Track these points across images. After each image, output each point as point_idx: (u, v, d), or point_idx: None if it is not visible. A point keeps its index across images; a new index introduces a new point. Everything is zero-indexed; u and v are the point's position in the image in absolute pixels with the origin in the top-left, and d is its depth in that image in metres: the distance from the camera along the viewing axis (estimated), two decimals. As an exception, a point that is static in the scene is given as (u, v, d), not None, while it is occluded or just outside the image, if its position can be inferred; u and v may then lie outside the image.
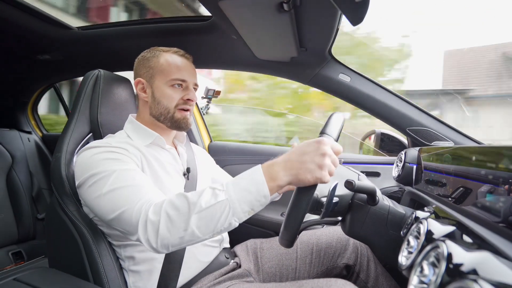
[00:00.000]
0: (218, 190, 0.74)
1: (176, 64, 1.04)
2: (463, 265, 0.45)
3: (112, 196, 0.82)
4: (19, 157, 2.12)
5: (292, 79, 1.52)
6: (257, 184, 0.72)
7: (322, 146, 0.71)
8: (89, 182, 0.86)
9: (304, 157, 0.72)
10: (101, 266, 0.91)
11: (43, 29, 1.45)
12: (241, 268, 1.09)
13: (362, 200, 0.88)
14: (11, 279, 0.87)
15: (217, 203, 0.72)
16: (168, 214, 0.74)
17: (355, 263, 1.10)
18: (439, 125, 1.35)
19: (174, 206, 0.74)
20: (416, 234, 0.67)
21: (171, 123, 1.05)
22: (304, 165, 0.71)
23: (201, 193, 0.74)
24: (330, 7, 0.93)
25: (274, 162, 0.75)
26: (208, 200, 0.73)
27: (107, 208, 0.82)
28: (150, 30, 1.39)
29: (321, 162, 0.70)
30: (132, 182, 0.83)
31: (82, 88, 1.09)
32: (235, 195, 0.72)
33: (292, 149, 0.76)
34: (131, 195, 0.80)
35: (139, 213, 0.77)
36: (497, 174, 0.57)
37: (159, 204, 0.76)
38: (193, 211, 0.72)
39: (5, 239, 1.93)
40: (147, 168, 0.96)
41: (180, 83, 1.04)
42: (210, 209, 0.72)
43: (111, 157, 0.88)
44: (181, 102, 1.05)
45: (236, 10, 0.97)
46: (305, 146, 0.73)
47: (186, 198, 0.75)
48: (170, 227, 0.73)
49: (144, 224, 0.75)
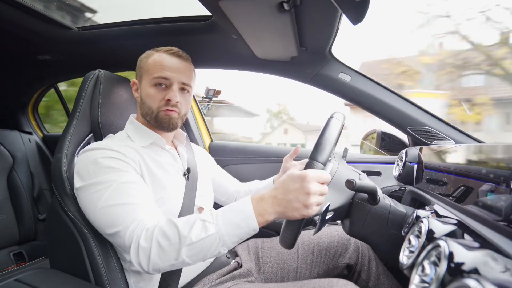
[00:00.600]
0: (208, 223, 0.76)
1: (160, 63, 0.99)
2: (464, 264, 0.45)
3: (106, 212, 0.82)
4: (20, 157, 2.12)
5: (292, 79, 1.52)
6: (247, 219, 0.75)
7: (306, 185, 0.71)
8: (86, 192, 0.86)
9: (289, 195, 0.73)
10: (103, 266, 0.91)
11: (43, 29, 1.45)
12: (243, 267, 1.09)
13: (363, 199, 0.88)
14: (12, 280, 0.87)
15: (207, 236, 0.74)
16: (159, 243, 0.75)
17: (356, 262, 1.10)
18: (440, 124, 1.34)
19: (165, 235, 0.76)
20: (417, 233, 0.67)
21: (155, 123, 1.02)
22: (290, 204, 0.72)
23: (192, 225, 0.76)
24: (331, 6, 0.93)
25: (263, 197, 0.76)
26: (198, 233, 0.74)
27: (101, 223, 0.84)
28: (150, 30, 1.39)
29: (306, 202, 0.71)
30: (127, 200, 0.83)
31: (83, 88, 1.09)
32: (225, 229, 0.75)
33: (278, 182, 0.77)
34: (125, 216, 0.81)
35: (131, 238, 0.78)
36: (498, 172, 0.57)
37: (151, 230, 0.77)
38: (184, 244, 0.75)
39: (6, 240, 1.94)
40: (145, 172, 0.95)
41: (162, 82, 0.98)
42: (200, 242, 0.74)
43: (110, 165, 0.87)
44: (163, 103, 0.99)
45: (236, 10, 0.97)
46: (290, 182, 0.74)
47: (177, 229, 0.76)
48: (162, 255, 0.76)
49: (136, 249, 0.77)
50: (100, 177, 0.85)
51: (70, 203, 0.93)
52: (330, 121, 0.81)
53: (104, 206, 0.82)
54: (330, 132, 0.79)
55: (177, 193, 1.02)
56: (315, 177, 0.72)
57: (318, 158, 0.75)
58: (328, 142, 0.77)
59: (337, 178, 0.90)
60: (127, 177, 0.87)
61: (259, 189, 1.34)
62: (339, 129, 0.81)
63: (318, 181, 0.73)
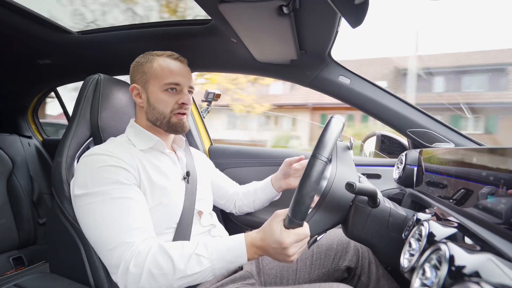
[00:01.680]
0: (204, 258, 0.80)
1: (169, 68, 1.03)
2: (465, 267, 0.45)
3: (97, 228, 0.84)
4: (19, 162, 2.12)
5: (292, 82, 1.52)
6: (239, 258, 0.82)
7: (284, 251, 0.78)
8: (82, 201, 0.86)
9: (271, 250, 0.80)
10: (103, 271, 0.91)
11: (43, 33, 1.45)
12: (243, 270, 1.08)
13: (363, 202, 0.88)
14: (12, 284, 0.87)
15: (201, 271, 0.79)
16: (151, 272, 0.77)
17: (356, 265, 1.10)
18: (440, 127, 1.34)
19: (158, 265, 0.78)
20: (418, 236, 0.67)
21: (167, 127, 1.05)
22: (275, 256, 0.81)
23: (188, 260, 0.79)
24: (330, 9, 0.93)
25: (254, 242, 0.83)
26: (193, 268, 0.79)
27: (91, 237, 0.86)
28: (150, 34, 1.39)
29: (288, 259, 0.79)
30: (119, 217, 0.83)
31: (83, 92, 1.09)
32: (217, 264, 0.80)
33: (263, 232, 0.83)
34: (115, 235, 0.82)
35: (119, 261, 0.80)
36: (498, 175, 0.57)
37: (143, 256, 0.79)
38: (178, 276, 0.78)
39: (6, 245, 1.93)
40: (144, 178, 0.95)
41: (174, 87, 1.03)
42: (194, 275, 0.79)
43: (108, 175, 0.87)
44: (176, 106, 1.04)
45: (236, 13, 0.98)
46: (271, 241, 0.79)
47: (172, 262, 0.78)
48: (153, 283, 0.78)
49: (124, 273, 0.79)
50: (96, 188, 0.85)
51: (70, 207, 0.93)
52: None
53: (96, 222, 0.84)
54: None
55: (177, 197, 1.02)
56: (293, 242, 0.78)
57: (297, 216, 0.75)
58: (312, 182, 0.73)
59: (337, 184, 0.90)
60: (124, 192, 0.87)
61: (257, 190, 1.34)
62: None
63: (296, 241, 0.78)
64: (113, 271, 0.82)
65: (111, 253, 0.81)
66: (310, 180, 0.72)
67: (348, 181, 0.79)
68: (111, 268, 0.82)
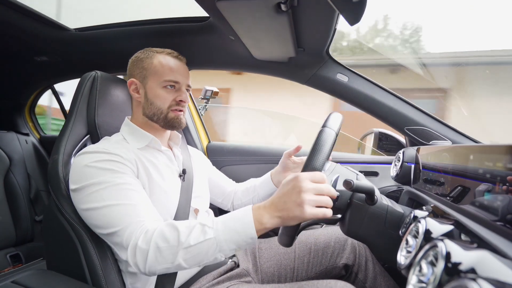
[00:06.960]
0: (208, 228, 0.77)
1: (169, 66, 1.05)
2: (461, 264, 0.45)
3: (104, 212, 0.83)
4: (16, 159, 2.11)
5: (290, 79, 1.52)
6: (246, 226, 0.75)
7: (297, 184, 0.72)
8: (83, 193, 0.86)
9: (283, 198, 0.74)
10: (100, 268, 0.91)
11: (40, 30, 1.44)
12: (240, 267, 1.09)
13: (360, 199, 0.88)
14: (9, 281, 0.87)
15: (205, 240, 0.75)
16: (157, 245, 0.76)
17: (353, 263, 1.10)
18: (437, 124, 1.35)
19: (164, 238, 0.77)
20: (415, 233, 0.67)
21: (164, 123, 1.06)
22: (285, 205, 0.73)
23: (192, 229, 0.77)
24: (328, 7, 0.93)
25: (262, 205, 0.78)
26: (196, 237, 0.76)
27: (98, 223, 0.85)
28: (147, 31, 1.38)
29: (299, 200, 0.71)
30: (124, 200, 0.84)
31: (79, 89, 1.09)
32: (223, 234, 0.76)
33: (276, 191, 0.78)
34: (123, 216, 0.82)
35: (129, 238, 0.80)
36: (495, 172, 0.57)
37: (150, 232, 0.79)
38: (182, 246, 0.76)
39: (3, 242, 1.93)
40: (143, 172, 0.95)
41: (173, 84, 1.05)
42: (198, 246, 0.76)
43: (107, 166, 0.88)
44: (173, 103, 1.05)
45: (234, 11, 0.97)
46: (284, 185, 0.76)
47: (178, 232, 0.77)
48: (159, 257, 0.77)
49: (133, 250, 0.78)
50: (96, 178, 0.85)
51: (67, 204, 0.93)
52: (321, 133, 0.81)
53: (101, 206, 0.83)
54: (326, 136, 0.79)
55: (173, 195, 1.02)
56: (307, 176, 0.73)
57: (314, 164, 0.75)
58: (325, 143, 0.77)
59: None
60: (124, 179, 0.88)
61: (256, 187, 1.33)
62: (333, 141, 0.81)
63: (311, 180, 0.73)
64: (123, 252, 0.81)
65: (122, 233, 0.80)
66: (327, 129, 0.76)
67: (345, 179, 0.80)
68: (122, 249, 0.81)
